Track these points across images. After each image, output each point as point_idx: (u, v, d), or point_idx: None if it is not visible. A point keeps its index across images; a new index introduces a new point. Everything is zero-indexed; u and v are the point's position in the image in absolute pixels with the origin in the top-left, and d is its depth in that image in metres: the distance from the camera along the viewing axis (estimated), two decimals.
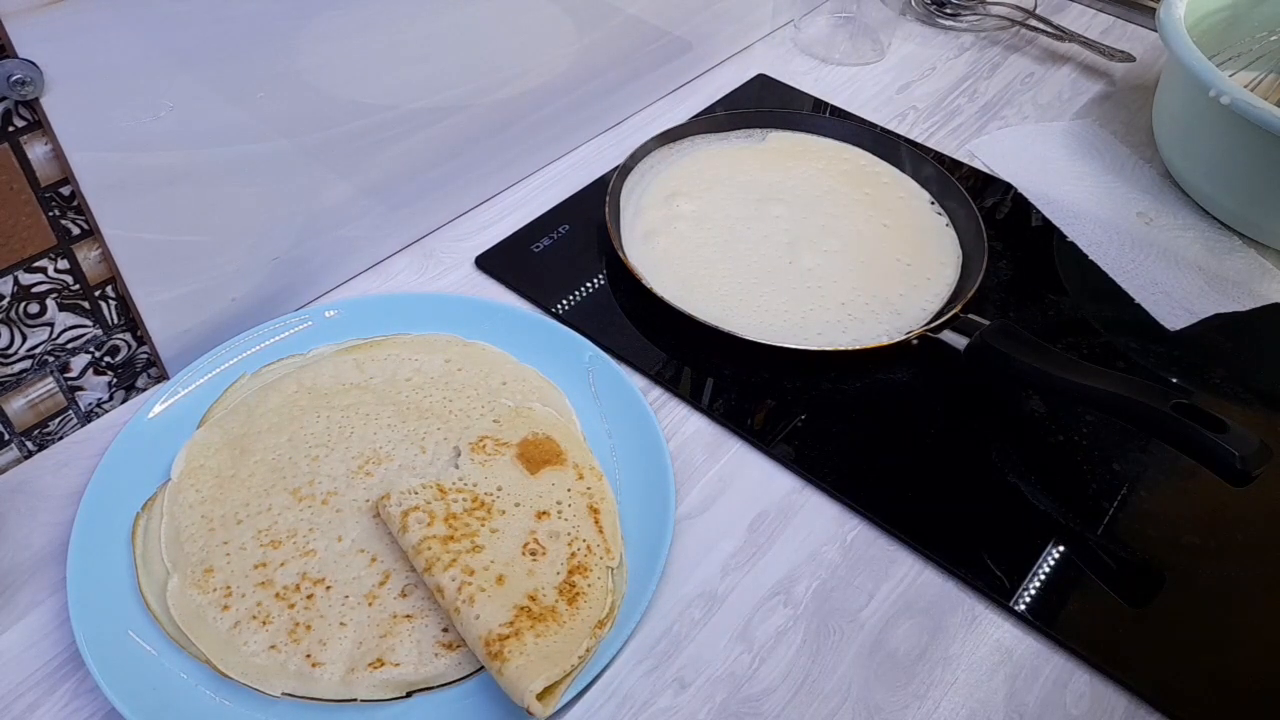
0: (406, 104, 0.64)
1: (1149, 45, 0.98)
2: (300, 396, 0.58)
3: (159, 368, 0.60)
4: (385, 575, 0.50)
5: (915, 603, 0.52)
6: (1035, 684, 0.49)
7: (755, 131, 0.81)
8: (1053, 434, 0.61)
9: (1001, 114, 0.89)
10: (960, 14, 1.01)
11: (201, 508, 0.52)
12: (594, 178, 0.77)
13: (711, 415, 0.61)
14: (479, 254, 0.70)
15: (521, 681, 0.44)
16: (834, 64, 0.93)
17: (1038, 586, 0.53)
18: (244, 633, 0.47)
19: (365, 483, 0.54)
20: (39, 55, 0.45)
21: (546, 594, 0.48)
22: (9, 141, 0.47)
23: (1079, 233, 0.76)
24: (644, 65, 0.82)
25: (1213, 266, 0.74)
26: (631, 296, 0.67)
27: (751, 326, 0.64)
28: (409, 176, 0.67)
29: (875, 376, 0.63)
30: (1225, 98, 0.68)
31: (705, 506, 0.56)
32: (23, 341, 0.53)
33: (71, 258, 0.52)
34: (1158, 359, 0.67)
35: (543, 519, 0.52)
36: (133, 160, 0.51)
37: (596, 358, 0.61)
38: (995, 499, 0.57)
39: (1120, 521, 0.56)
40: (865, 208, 0.74)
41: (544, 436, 0.56)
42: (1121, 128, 0.87)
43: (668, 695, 0.48)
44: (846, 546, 0.55)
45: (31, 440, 0.57)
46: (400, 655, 0.47)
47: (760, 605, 0.52)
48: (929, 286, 0.68)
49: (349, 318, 0.63)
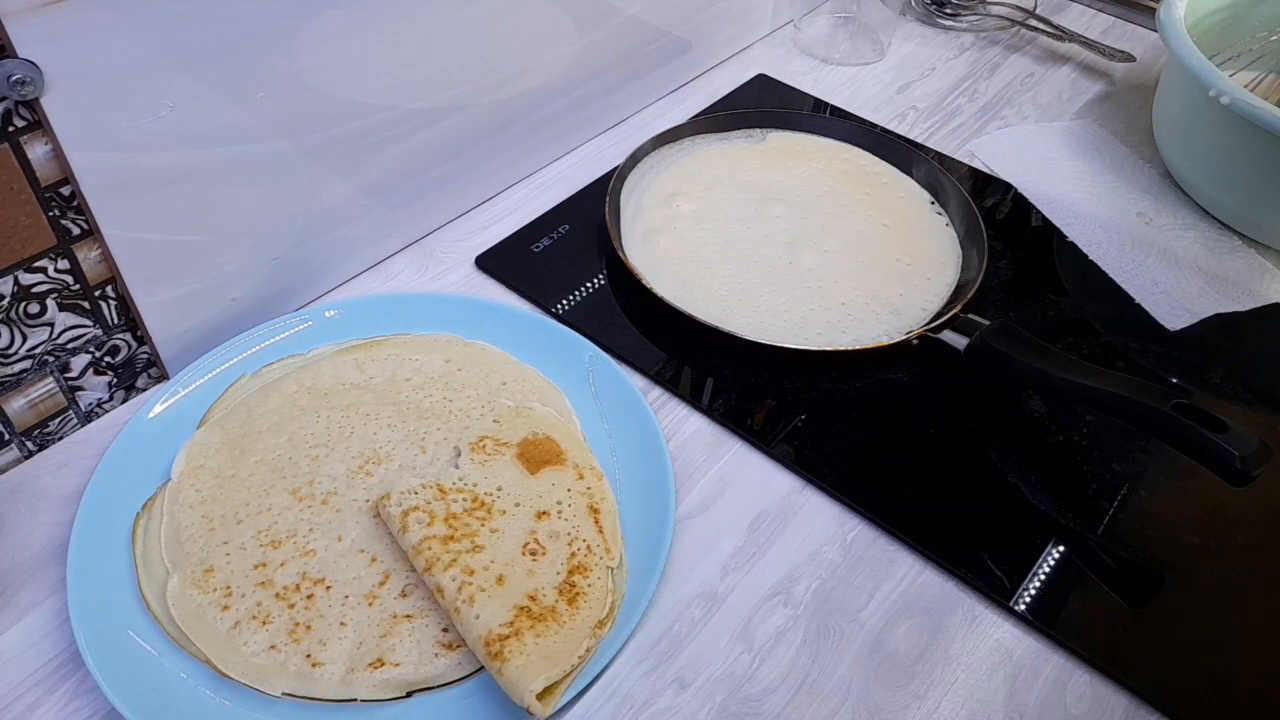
0: (406, 104, 0.64)
1: (1149, 45, 0.98)
2: (300, 396, 0.58)
3: (159, 368, 0.60)
4: (385, 575, 0.50)
5: (915, 603, 0.52)
6: (1035, 684, 0.49)
7: (755, 131, 0.81)
8: (1053, 434, 0.61)
9: (1001, 114, 0.89)
10: (960, 14, 1.01)
11: (201, 508, 0.52)
12: (594, 178, 0.77)
13: (711, 415, 0.61)
14: (479, 254, 0.70)
15: (521, 681, 0.44)
16: (834, 64, 0.93)
17: (1038, 586, 0.53)
18: (244, 633, 0.47)
19: (365, 483, 0.54)
20: (39, 55, 0.45)
21: (546, 594, 0.48)
22: (9, 141, 0.47)
23: (1079, 233, 0.76)
24: (644, 65, 0.82)
25: (1213, 266, 0.74)
26: (631, 296, 0.67)
27: (751, 326, 0.64)
28: (409, 176, 0.67)
29: (875, 376, 0.63)
30: (1225, 98, 0.68)
31: (705, 506, 0.56)
32: (23, 341, 0.53)
33: (71, 258, 0.52)
34: (1158, 359, 0.67)
35: (543, 519, 0.52)
36: (133, 160, 0.51)
37: (596, 358, 0.61)
38: (995, 499, 0.57)
39: (1120, 521, 0.56)
40: (865, 208, 0.74)
41: (544, 436, 0.56)
42: (1121, 128, 0.87)
43: (668, 695, 0.48)
44: (846, 546, 0.55)
45: (31, 440, 0.57)
46: (400, 655, 0.47)
47: (760, 605, 0.52)
48: (929, 286, 0.68)
49: (349, 318, 0.63)
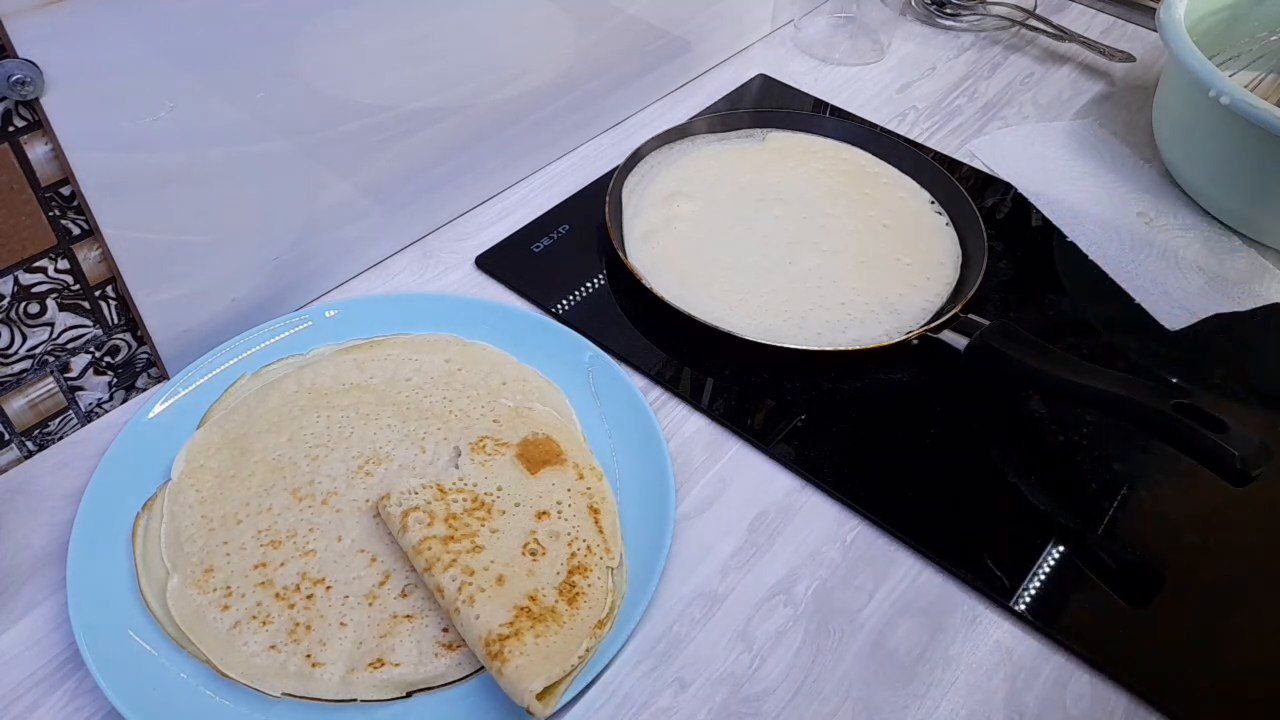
0: (406, 104, 0.64)
1: (1149, 45, 0.98)
2: (300, 396, 0.58)
3: (159, 368, 0.60)
4: (385, 575, 0.50)
5: (915, 603, 0.52)
6: (1035, 684, 0.49)
7: (755, 131, 0.81)
8: (1053, 434, 0.61)
9: (1001, 114, 0.89)
10: (960, 14, 1.01)
11: (201, 508, 0.52)
12: (594, 178, 0.77)
13: (711, 415, 0.61)
14: (479, 254, 0.70)
15: (521, 681, 0.44)
16: (834, 64, 0.93)
17: (1038, 586, 0.53)
18: (244, 633, 0.47)
19: (365, 483, 0.54)
20: (39, 55, 0.45)
21: (546, 594, 0.48)
22: (9, 141, 0.47)
23: (1079, 233, 0.76)
24: (644, 65, 0.82)
25: (1213, 266, 0.74)
26: (631, 296, 0.67)
27: (751, 326, 0.64)
28: (409, 176, 0.67)
29: (875, 376, 0.63)
30: (1225, 98, 0.68)
31: (705, 506, 0.56)
32: (23, 341, 0.53)
33: (71, 258, 0.52)
34: (1158, 359, 0.67)
35: (543, 519, 0.52)
36: (133, 160, 0.51)
37: (596, 358, 0.61)
38: (995, 499, 0.57)
39: (1120, 521, 0.56)
40: (865, 208, 0.74)
41: (544, 436, 0.56)
42: (1121, 128, 0.87)
43: (668, 695, 0.48)
44: (846, 546, 0.55)
45: (31, 440, 0.57)
46: (400, 655, 0.47)
47: (760, 605, 0.52)
48: (929, 286, 0.68)
49: (349, 318, 0.63)
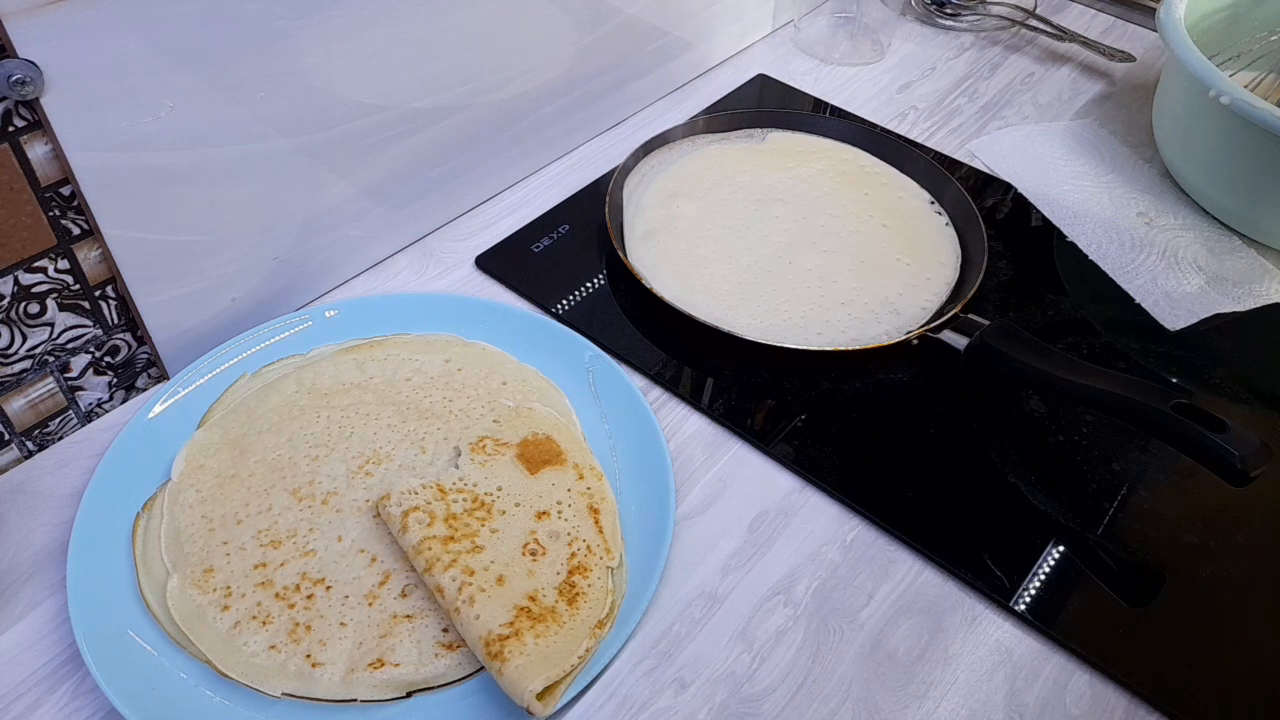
0: (406, 104, 0.64)
1: (1149, 45, 0.98)
2: (300, 396, 0.58)
3: (159, 368, 0.60)
4: (385, 575, 0.50)
5: (915, 603, 0.52)
6: (1035, 684, 0.49)
7: (755, 131, 0.81)
8: (1053, 434, 0.61)
9: (1001, 114, 0.89)
10: (960, 14, 1.01)
11: (201, 508, 0.52)
12: (594, 178, 0.77)
13: (711, 415, 0.61)
14: (479, 254, 0.70)
15: (521, 681, 0.44)
16: (834, 64, 0.93)
17: (1038, 586, 0.53)
18: (244, 633, 0.47)
19: (365, 483, 0.54)
20: (39, 55, 0.45)
21: (546, 594, 0.48)
22: (9, 141, 0.47)
23: (1079, 233, 0.76)
24: (644, 65, 0.82)
25: (1213, 266, 0.74)
26: (631, 296, 0.67)
27: (751, 326, 0.64)
28: (409, 176, 0.67)
29: (875, 376, 0.63)
30: (1225, 98, 0.68)
31: (705, 506, 0.56)
32: (23, 341, 0.53)
33: (71, 258, 0.52)
34: (1158, 359, 0.67)
35: (543, 519, 0.52)
36: (133, 160, 0.51)
37: (596, 358, 0.61)
38: (995, 499, 0.57)
39: (1120, 521, 0.56)
40: (865, 208, 0.74)
41: (544, 436, 0.56)
42: (1121, 128, 0.87)
43: (668, 695, 0.48)
44: (846, 546, 0.55)
45: (31, 440, 0.57)
46: (400, 655, 0.47)
47: (760, 605, 0.52)
48: (929, 286, 0.68)
49: (349, 318, 0.63)
